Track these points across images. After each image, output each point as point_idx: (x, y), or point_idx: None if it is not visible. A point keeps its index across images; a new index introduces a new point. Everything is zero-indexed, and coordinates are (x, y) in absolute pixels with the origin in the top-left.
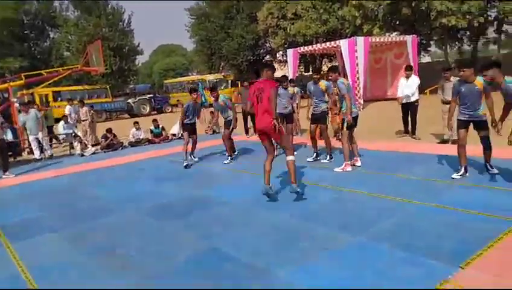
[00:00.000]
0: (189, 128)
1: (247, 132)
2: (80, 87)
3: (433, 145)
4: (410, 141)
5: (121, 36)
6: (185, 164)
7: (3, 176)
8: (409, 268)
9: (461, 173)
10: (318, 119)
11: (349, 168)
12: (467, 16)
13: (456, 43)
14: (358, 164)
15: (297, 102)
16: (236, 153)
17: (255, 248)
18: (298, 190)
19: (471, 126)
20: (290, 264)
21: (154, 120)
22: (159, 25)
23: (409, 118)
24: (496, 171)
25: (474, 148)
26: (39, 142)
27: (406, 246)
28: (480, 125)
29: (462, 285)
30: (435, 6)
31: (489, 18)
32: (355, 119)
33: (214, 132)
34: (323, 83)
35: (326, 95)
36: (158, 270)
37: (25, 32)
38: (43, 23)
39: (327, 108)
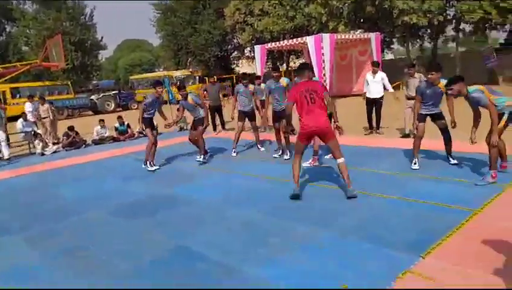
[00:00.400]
0: (150, 123)
1: (214, 129)
2: (39, 83)
3: (396, 140)
4: (375, 136)
5: (83, 30)
6: (153, 168)
7: None
8: (374, 260)
9: (417, 162)
10: (281, 116)
11: (316, 163)
12: (428, 15)
13: (418, 40)
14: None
15: (263, 98)
16: (208, 153)
17: (224, 245)
18: (356, 193)
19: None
20: (260, 261)
21: (119, 117)
22: (123, 19)
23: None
24: (456, 161)
25: (436, 142)
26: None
27: (372, 238)
28: (437, 116)
29: (422, 274)
30: (397, 5)
31: (448, 17)
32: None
33: (181, 128)
34: (284, 80)
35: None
36: (124, 271)
37: None
38: None
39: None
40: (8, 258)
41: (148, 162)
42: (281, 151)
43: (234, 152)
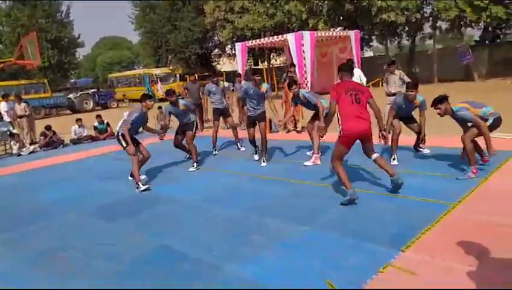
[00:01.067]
0: (136, 141)
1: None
2: (15, 82)
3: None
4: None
5: (59, 28)
6: (142, 188)
7: None
8: (355, 255)
9: (396, 157)
10: (255, 121)
11: (318, 161)
12: (405, 12)
13: (396, 38)
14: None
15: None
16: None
17: (206, 244)
18: (401, 181)
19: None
20: (242, 258)
21: (98, 116)
22: (101, 16)
23: None
24: (427, 151)
25: (411, 139)
26: None
27: (354, 234)
28: (408, 119)
29: (403, 267)
30: (376, 3)
31: (425, 14)
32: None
33: (162, 127)
34: (264, 86)
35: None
36: (105, 272)
37: None
38: None
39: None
40: None
41: (136, 183)
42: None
43: (215, 151)
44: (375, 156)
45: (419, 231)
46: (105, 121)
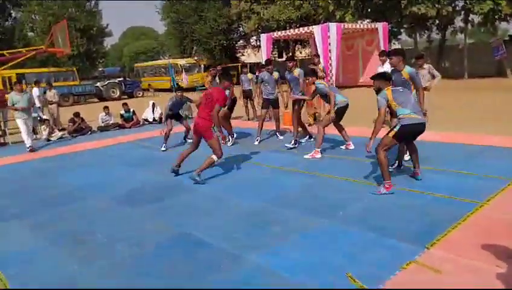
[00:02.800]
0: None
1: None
2: (45, 69)
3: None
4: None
5: (88, 17)
6: (163, 148)
7: None
8: (377, 250)
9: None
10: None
11: (318, 155)
12: (436, 5)
13: (425, 31)
14: (351, 147)
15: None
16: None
17: (227, 233)
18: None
19: None
20: (261, 249)
21: (125, 104)
22: (129, 6)
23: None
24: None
25: (443, 135)
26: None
27: (375, 229)
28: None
29: (427, 264)
30: None
31: (457, 8)
32: (344, 108)
33: (186, 116)
34: (297, 71)
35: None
36: (129, 256)
37: None
38: (4, 1)
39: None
40: (13, 242)
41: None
42: (293, 141)
43: (257, 140)
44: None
45: (445, 229)
46: (131, 110)
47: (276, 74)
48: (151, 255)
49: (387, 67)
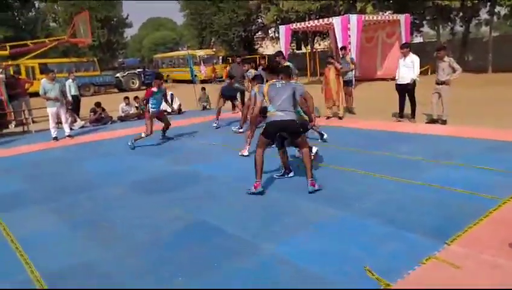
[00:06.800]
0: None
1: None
2: (67, 59)
3: (422, 126)
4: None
5: (109, 7)
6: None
7: None
8: (393, 243)
9: None
10: None
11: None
12: None
13: (449, 23)
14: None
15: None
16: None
17: (241, 222)
18: None
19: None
20: (276, 238)
21: (136, 97)
22: None
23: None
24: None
25: (463, 129)
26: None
27: (391, 222)
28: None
29: (446, 260)
30: None
31: None
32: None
33: (204, 108)
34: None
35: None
36: (146, 242)
37: (9, 0)
38: None
39: None
40: (34, 226)
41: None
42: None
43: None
44: None
45: (464, 225)
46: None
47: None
48: (168, 242)
49: (408, 60)
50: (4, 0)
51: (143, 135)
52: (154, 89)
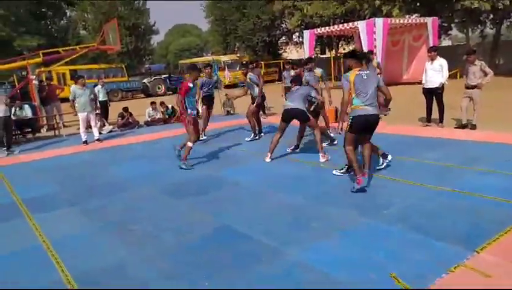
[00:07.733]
0: (208, 101)
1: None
2: (96, 66)
3: (451, 130)
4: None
5: (137, 15)
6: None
7: (7, 152)
8: (420, 250)
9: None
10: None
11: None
12: None
13: (479, 26)
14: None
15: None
16: (262, 134)
17: (267, 227)
18: None
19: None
20: (301, 244)
21: (162, 103)
22: (175, 4)
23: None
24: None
25: (495, 134)
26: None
27: (419, 229)
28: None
29: (478, 269)
30: None
31: None
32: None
33: (228, 112)
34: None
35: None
36: (174, 245)
37: (42, 10)
38: (59, 1)
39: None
40: (64, 227)
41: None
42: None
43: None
44: None
45: (495, 233)
46: (170, 106)
47: (318, 71)
48: (195, 245)
49: (436, 64)
50: (38, 10)
51: (189, 144)
52: (190, 84)
